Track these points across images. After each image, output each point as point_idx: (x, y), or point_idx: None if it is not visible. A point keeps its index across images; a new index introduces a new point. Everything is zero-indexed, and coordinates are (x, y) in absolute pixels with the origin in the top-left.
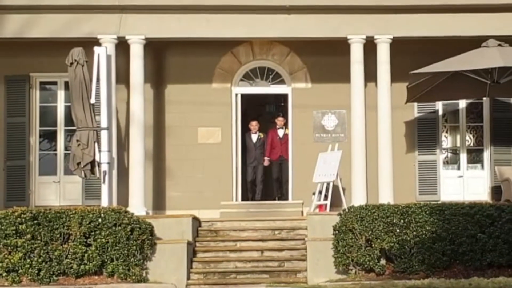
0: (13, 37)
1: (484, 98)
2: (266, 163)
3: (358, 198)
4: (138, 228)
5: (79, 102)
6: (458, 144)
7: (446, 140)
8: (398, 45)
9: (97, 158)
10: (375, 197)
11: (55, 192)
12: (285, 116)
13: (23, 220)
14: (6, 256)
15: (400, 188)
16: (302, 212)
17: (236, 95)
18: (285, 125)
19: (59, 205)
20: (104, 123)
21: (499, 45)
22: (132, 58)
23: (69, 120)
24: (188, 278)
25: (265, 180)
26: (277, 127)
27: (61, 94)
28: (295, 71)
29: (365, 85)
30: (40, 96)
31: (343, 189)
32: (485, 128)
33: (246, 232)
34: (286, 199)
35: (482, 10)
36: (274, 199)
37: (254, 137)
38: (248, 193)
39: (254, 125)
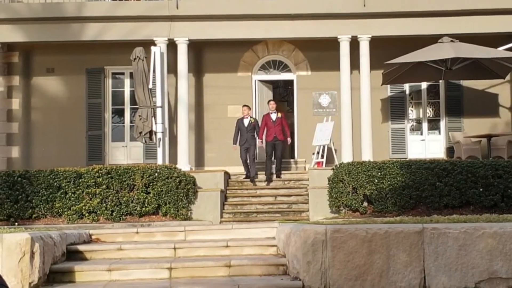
0: (92, 39)
1: (440, 81)
2: (259, 144)
3: (346, 156)
4: (184, 180)
5: (140, 87)
6: (421, 116)
7: (412, 113)
8: (376, 42)
9: (154, 129)
10: (359, 156)
11: (124, 153)
12: (290, 98)
13: (100, 174)
14: (88, 201)
15: (378, 149)
16: (305, 167)
17: (255, 81)
18: (277, 109)
19: (126, 163)
20: (159, 103)
21: (451, 41)
22: (179, 54)
23: (133, 101)
24: (221, 217)
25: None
26: (270, 111)
27: (127, 82)
28: (299, 62)
29: (351, 72)
30: (111, 83)
31: (335, 150)
32: (441, 103)
33: (264, 183)
34: (280, 174)
35: (438, 15)
36: (271, 175)
37: (246, 122)
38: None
39: (245, 110)
